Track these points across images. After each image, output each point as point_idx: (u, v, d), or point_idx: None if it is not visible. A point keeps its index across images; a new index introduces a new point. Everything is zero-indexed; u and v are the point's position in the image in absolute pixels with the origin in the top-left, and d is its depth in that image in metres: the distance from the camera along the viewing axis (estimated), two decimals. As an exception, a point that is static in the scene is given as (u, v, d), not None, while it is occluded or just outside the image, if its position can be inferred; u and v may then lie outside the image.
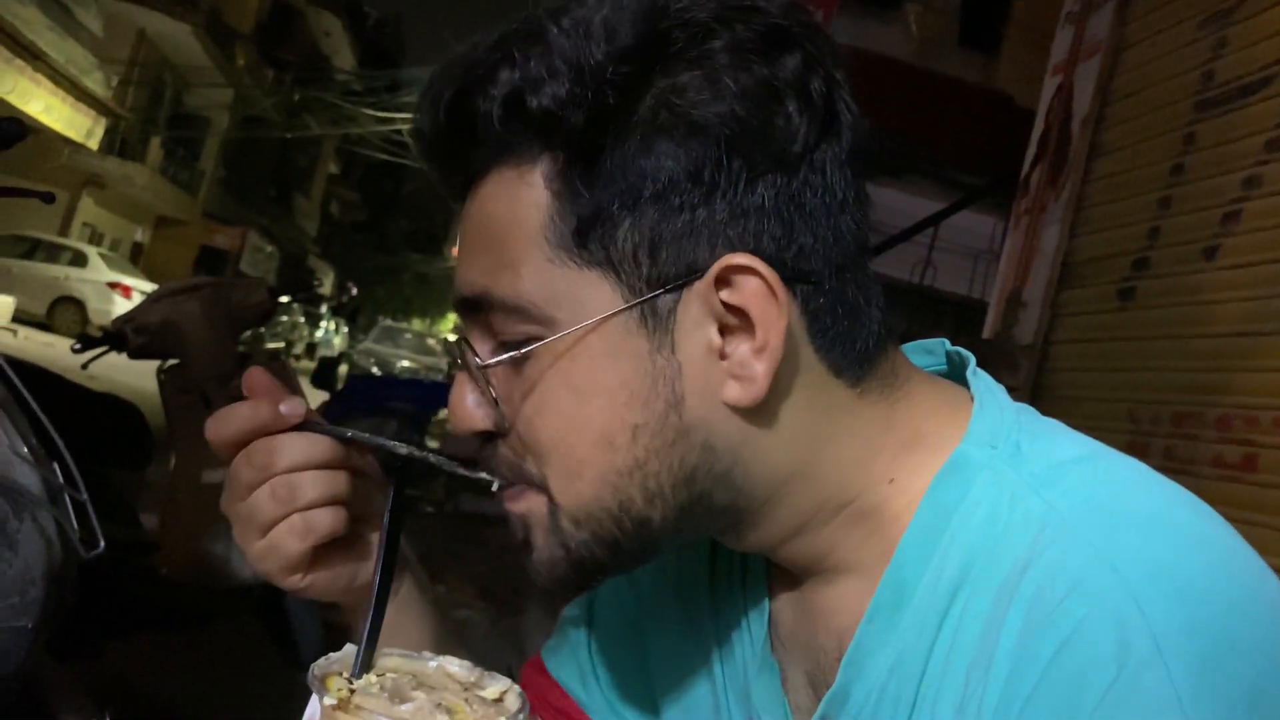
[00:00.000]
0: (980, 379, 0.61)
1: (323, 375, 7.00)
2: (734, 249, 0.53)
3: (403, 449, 0.62)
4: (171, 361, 2.76)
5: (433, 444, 8.52)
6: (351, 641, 0.58)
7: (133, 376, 3.60)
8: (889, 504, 0.57)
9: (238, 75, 23.70)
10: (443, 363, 20.00)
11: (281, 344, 21.07)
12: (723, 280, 0.53)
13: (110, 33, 18.13)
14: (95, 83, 17.86)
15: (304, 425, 0.62)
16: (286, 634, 2.88)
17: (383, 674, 0.56)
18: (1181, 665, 0.45)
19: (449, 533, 6.51)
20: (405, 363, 18.74)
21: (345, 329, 30.87)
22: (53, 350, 8.07)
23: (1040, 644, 0.48)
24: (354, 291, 34.16)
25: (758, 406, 0.55)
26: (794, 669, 0.63)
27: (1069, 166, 3.51)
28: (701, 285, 0.53)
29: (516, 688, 0.55)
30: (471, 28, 0.57)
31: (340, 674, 0.56)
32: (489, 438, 0.59)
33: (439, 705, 0.53)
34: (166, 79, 22.12)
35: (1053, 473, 0.54)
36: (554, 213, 0.54)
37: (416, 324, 36.73)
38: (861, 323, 0.58)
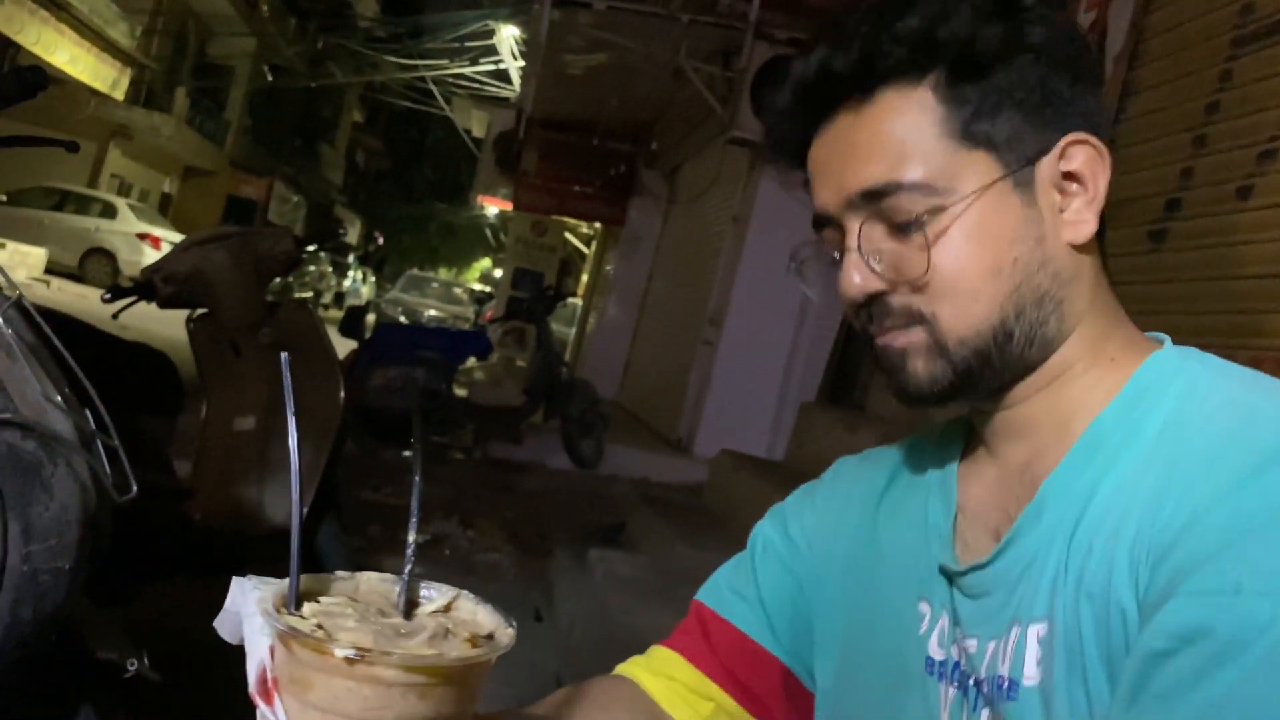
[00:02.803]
0: None
1: (350, 324, 7.01)
2: (1069, 131, 0.74)
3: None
4: (200, 310, 2.79)
5: (460, 392, 8.58)
6: None
7: (163, 325, 3.64)
8: (1104, 381, 0.75)
9: (261, 23, 23.59)
10: (469, 311, 20.06)
11: (310, 293, 21.18)
12: (1063, 154, 0.74)
13: (133, -18, 18.06)
14: (119, 33, 17.85)
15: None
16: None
17: (317, 602, 0.54)
18: None
19: (478, 479, 6.58)
20: (432, 311, 18.81)
21: (372, 278, 30.99)
22: (85, 301, 8.17)
23: (1242, 482, 0.62)
24: (380, 240, 34.24)
25: (1082, 246, 0.75)
26: (977, 529, 0.79)
27: (1101, 106, 3.44)
28: (1051, 158, 0.74)
29: (466, 593, 0.60)
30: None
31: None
32: (875, 298, 0.76)
33: (447, 631, 0.53)
34: (190, 28, 22.07)
35: (1238, 374, 0.71)
36: (945, 114, 0.73)
37: (443, 272, 36.78)
38: None
